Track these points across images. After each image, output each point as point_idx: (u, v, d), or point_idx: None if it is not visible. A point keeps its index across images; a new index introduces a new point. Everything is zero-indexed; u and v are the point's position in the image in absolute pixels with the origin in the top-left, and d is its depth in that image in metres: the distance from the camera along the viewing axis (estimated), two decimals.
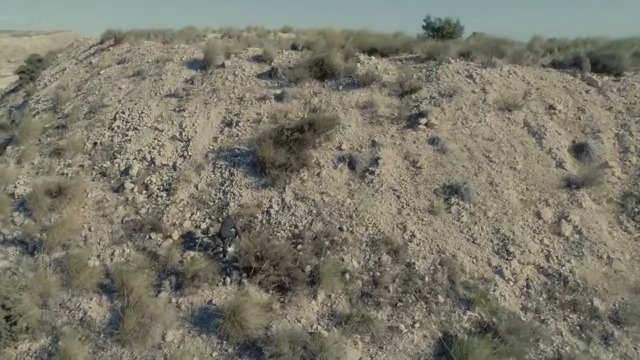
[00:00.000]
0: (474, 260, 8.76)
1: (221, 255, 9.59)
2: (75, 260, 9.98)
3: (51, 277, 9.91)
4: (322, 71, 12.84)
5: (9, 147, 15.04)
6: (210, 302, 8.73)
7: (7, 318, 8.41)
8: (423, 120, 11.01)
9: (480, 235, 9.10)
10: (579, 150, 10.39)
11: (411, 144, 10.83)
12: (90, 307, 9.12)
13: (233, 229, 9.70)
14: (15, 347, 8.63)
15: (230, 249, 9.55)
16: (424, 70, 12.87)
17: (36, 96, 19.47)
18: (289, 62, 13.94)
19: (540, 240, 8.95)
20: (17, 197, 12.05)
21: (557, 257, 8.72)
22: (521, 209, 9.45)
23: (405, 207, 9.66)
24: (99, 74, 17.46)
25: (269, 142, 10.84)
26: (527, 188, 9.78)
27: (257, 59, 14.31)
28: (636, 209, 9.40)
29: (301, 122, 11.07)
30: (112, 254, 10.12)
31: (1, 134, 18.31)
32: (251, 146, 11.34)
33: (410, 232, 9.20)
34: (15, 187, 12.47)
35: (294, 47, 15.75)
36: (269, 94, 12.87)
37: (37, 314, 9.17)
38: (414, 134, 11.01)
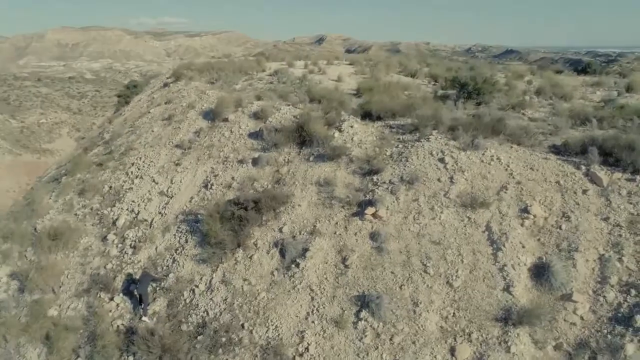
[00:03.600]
0: None
1: (139, 316, 10.18)
2: (39, 307, 11.31)
3: (23, 318, 11.39)
4: (302, 137, 12.43)
5: (64, 178, 17.33)
6: None
7: None
8: (371, 210, 10.04)
9: None
10: (539, 272, 8.51)
11: (351, 236, 9.97)
12: (31, 357, 10.26)
13: (150, 286, 10.28)
14: None
15: (145, 319, 10.05)
16: (399, 146, 11.63)
17: (112, 126, 22.15)
18: (280, 122, 13.74)
19: None
20: (37, 232, 13.86)
21: None
22: (436, 339, 8.12)
23: (314, 312, 8.98)
24: (149, 112, 19.16)
25: (215, 216, 10.93)
26: (454, 313, 8.35)
27: (256, 115, 14.39)
28: None
29: (248, 197, 10.92)
30: (69, 306, 11.19)
31: None
32: None
33: (307, 344, 8.55)
34: (43, 221, 14.39)
35: (310, 100, 15.45)
36: (248, 157, 12.91)
37: None
38: (358, 224, 10.11)
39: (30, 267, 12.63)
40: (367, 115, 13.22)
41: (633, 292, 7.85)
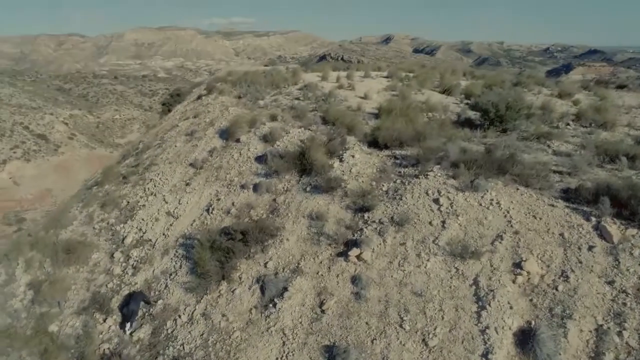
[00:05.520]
0: None
1: (124, 330, 10.40)
2: (43, 321, 11.83)
3: (29, 331, 11.96)
4: (303, 165, 12.11)
5: (94, 188, 18.10)
6: None
7: None
8: (355, 252, 9.54)
9: None
10: (525, 339, 7.66)
11: (333, 278, 9.53)
12: None
13: (140, 308, 10.45)
14: None
15: (127, 334, 10.27)
16: (397, 181, 10.94)
17: (147, 137, 22.92)
18: (286, 146, 13.48)
19: None
20: (59, 243, 14.52)
21: None
22: None
23: (283, 358, 8.65)
24: (178, 125, 19.60)
25: (206, 244, 10.89)
26: None
27: (265, 138, 14.22)
28: None
29: (237, 228, 10.78)
30: (68, 323, 11.60)
31: None
32: None
33: None
34: (65, 232, 15.10)
35: (324, 122, 15.07)
36: (250, 182, 12.78)
37: None
38: (342, 266, 9.64)
39: (46, 278, 13.26)
40: (374, 142, 12.63)
41: None
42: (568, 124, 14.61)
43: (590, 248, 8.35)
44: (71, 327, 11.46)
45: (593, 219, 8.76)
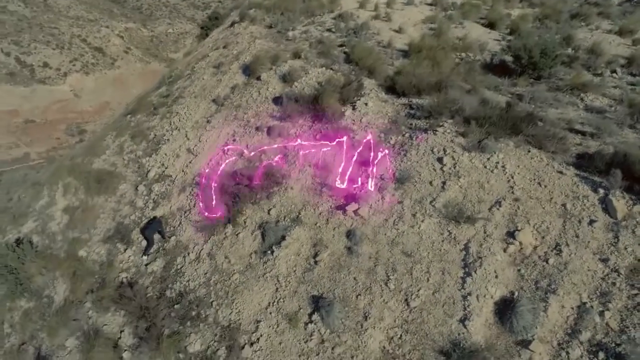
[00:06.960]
0: None
1: (142, 254, 11.43)
2: (74, 245, 12.99)
3: (62, 254, 13.20)
4: (316, 110, 11.93)
5: (128, 116, 18.77)
6: (104, 325, 10.55)
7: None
8: (353, 207, 9.62)
9: None
10: (504, 309, 7.70)
11: (330, 231, 9.73)
12: (57, 292, 12.03)
13: (157, 233, 11.26)
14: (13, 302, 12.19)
15: (145, 258, 11.19)
16: (406, 135, 10.59)
17: (180, 65, 23.02)
18: (303, 88, 13.20)
19: None
20: (92, 171, 15.47)
21: None
22: (375, 359, 7.95)
23: (274, 304, 9.20)
24: (208, 55, 19.52)
25: (215, 187, 11.30)
26: (401, 335, 8.01)
27: (284, 77, 13.94)
28: None
29: (244, 173, 11.06)
30: (94, 250, 12.69)
31: None
32: None
33: (260, 334, 8.89)
34: (98, 160, 16.02)
35: (347, 60, 14.52)
36: (265, 124, 12.81)
37: (39, 281, 12.61)
38: (340, 219, 9.79)
39: (79, 205, 14.34)
40: (393, 88, 12.12)
41: (601, 355, 6.80)
42: (614, 71, 13.28)
43: (591, 222, 7.98)
44: (97, 254, 12.51)
45: (601, 190, 8.26)
